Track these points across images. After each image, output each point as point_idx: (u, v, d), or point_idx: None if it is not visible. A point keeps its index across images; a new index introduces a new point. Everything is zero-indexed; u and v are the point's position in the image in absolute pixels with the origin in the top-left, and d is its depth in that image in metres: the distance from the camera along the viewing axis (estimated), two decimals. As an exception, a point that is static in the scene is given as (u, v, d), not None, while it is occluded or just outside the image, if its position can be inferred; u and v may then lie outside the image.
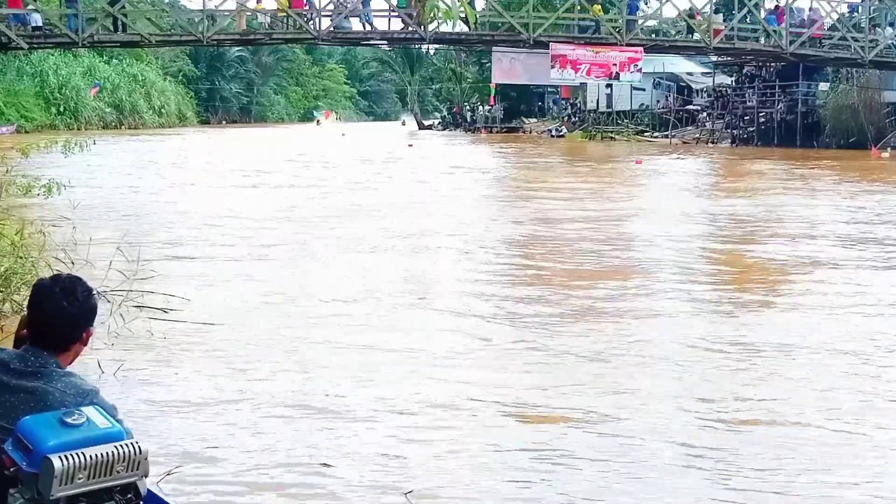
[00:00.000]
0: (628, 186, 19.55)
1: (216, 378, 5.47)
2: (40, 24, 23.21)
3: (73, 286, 2.56)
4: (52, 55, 37.76)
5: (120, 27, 23.71)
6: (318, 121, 53.21)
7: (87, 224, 10.88)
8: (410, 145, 35.25)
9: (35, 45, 26.05)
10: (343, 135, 42.88)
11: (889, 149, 27.77)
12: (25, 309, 2.71)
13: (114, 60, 45.32)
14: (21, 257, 7.10)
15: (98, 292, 3.41)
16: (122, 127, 44.49)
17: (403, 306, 8.23)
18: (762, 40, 27.91)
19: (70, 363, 2.58)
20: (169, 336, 6.36)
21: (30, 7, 23.25)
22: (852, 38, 27.03)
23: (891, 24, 28.04)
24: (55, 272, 3.94)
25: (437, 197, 17.66)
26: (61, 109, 40.61)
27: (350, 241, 12.05)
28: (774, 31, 27.67)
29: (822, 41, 27.64)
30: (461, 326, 7.02)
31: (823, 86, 32.73)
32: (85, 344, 2.61)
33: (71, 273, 3.21)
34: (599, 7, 26.78)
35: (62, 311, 2.52)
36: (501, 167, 26.40)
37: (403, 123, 57.95)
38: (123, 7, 23.20)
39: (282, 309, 7.64)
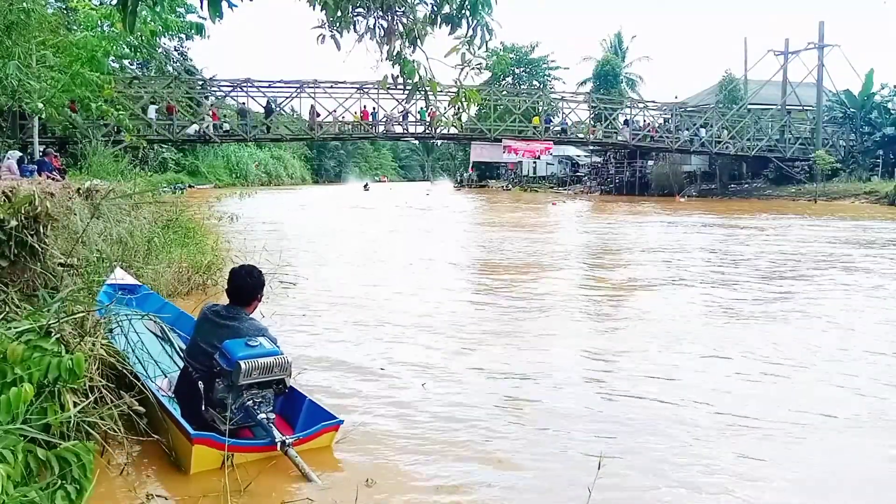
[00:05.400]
0: (546, 215, 28.46)
1: (321, 318, 7.40)
2: (227, 128, 33.77)
3: (251, 270, 4.11)
4: (233, 146, 50.14)
5: (269, 130, 34.30)
6: (366, 185, 60.52)
7: (252, 236, 12.47)
8: (427, 193, 48.08)
9: (224, 140, 36.21)
10: (391, 189, 57.91)
11: (686, 196, 40.27)
12: (226, 283, 4.03)
13: (266, 148, 61.30)
14: (216, 256, 9.23)
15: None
16: (271, 185, 59.99)
17: (429, 270, 11.92)
18: (618, 137, 39.17)
19: (252, 312, 4.03)
20: (297, 297, 8.46)
21: (223, 120, 33.87)
22: (666, 136, 39.28)
23: (687, 129, 39.15)
24: (236, 264, 4.50)
25: (440, 212, 28.44)
26: (237, 175, 52.83)
27: (415, 245, 16.60)
28: (625, 132, 38.55)
29: (654, 138, 39.34)
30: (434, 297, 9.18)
31: (651, 162, 45.02)
32: (259, 301, 4.07)
33: (250, 263, 4.38)
34: (538, 118, 38.00)
35: (246, 283, 4.03)
36: (477, 205, 36.81)
37: (432, 183, 75.49)
38: (272, 119, 33.65)
39: (360, 284, 9.94)
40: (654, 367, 5.95)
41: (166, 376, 4.51)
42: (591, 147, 46.18)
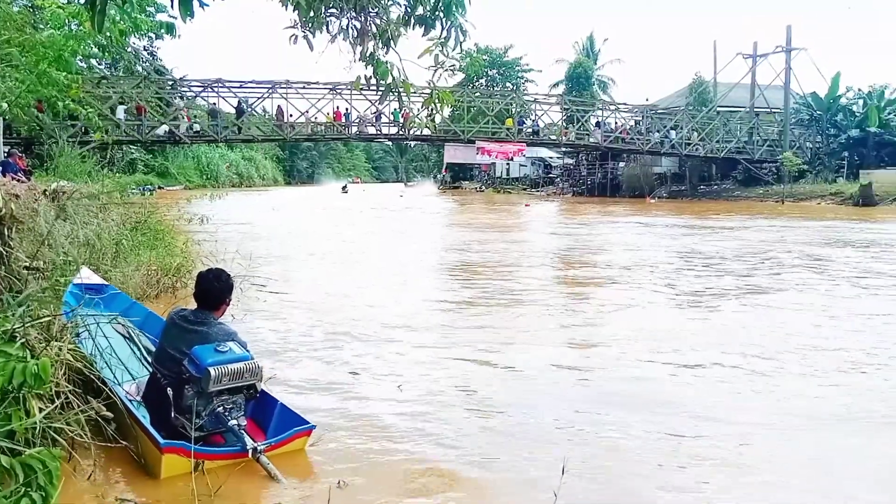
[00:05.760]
0: (519, 216, 28.71)
1: (293, 321, 7.40)
2: (197, 129, 33.71)
3: (219, 273, 4.04)
4: (203, 147, 49.91)
5: (241, 131, 33.87)
6: (344, 186, 59.08)
7: (222, 238, 12.16)
8: (401, 195, 47.41)
9: (194, 141, 35.65)
10: (363, 190, 57.35)
11: (656, 198, 40.59)
12: (193, 287, 4.00)
13: (237, 149, 60.84)
14: (186, 258, 9.10)
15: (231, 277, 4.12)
16: (242, 186, 59.89)
17: (399, 268, 12.39)
18: (590, 139, 39.48)
19: (220, 316, 3.98)
20: (268, 300, 8.45)
21: (194, 121, 33.91)
22: (636, 138, 39.50)
23: (657, 131, 39.72)
24: (207, 266, 4.69)
25: (414, 214, 28.61)
26: (208, 176, 52.36)
27: (391, 238, 18.01)
28: (597, 133, 39.12)
29: (625, 140, 39.57)
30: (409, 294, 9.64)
31: (622, 164, 45.44)
32: (228, 305, 4.03)
33: (217, 266, 4.34)
34: (510, 120, 38.55)
35: (214, 287, 3.96)
36: (451, 205, 37.17)
37: (405, 185, 74.82)
38: (243, 120, 33.30)
39: (333, 285, 9.89)
40: (626, 368, 5.97)
41: (135, 380, 4.44)
42: (564, 149, 46.63)
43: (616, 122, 41.02)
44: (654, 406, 5.00)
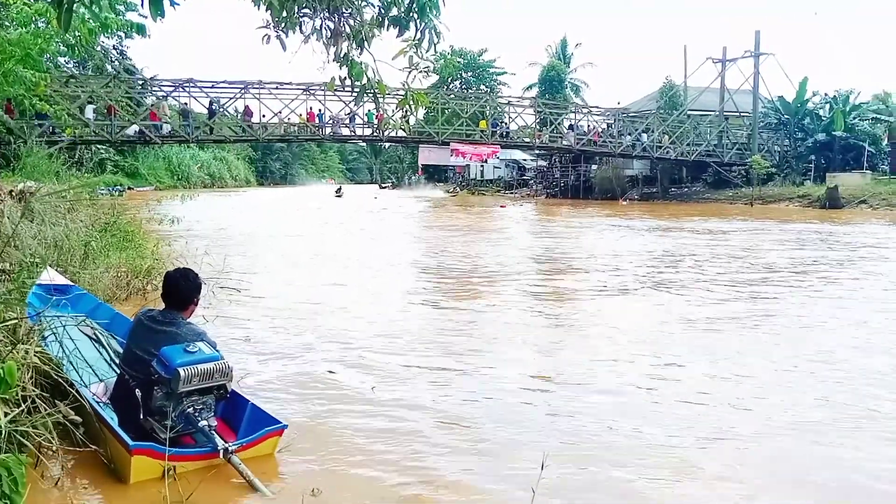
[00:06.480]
0: (494, 218, 28.95)
1: (263, 322, 7.31)
2: (168, 130, 32.53)
3: (187, 273, 4.00)
4: (174, 147, 49.67)
5: (213, 131, 33.62)
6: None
7: (193, 239, 12.60)
8: (376, 197, 48.44)
9: (164, 142, 34.89)
10: (336, 190, 54.37)
11: (628, 200, 40.87)
12: (161, 288, 3.94)
13: (208, 149, 60.15)
14: (156, 259, 9.04)
15: (200, 277, 4.05)
16: (214, 187, 59.74)
17: (376, 268, 12.28)
18: (563, 142, 39.64)
19: (189, 317, 3.94)
20: (240, 300, 8.38)
21: (163, 121, 32.26)
22: (609, 141, 39.93)
23: (629, 134, 39.96)
24: (177, 267, 4.44)
25: (389, 215, 28.93)
26: (179, 177, 51.77)
27: (366, 237, 18.83)
28: (570, 136, 39.22)
29: (597, 143, 39.98)
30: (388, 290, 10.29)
31: (594, 166, 45.56)
32: (196, 306, 3.96)
33: (185, 266, 4.34)
34: (484, 122, 38.38)
35: (182, 287, 3.92)
36: (424, 207, 37.26)
37: (380, 187, 74.52)
38: (215, 120, 32.97)
39: (303, 289, 9.78)
40: (602, 371, 5.99)
41: (102, 382, 4.36)
42: (537, 151, 46.85)
43: (588, 125, 41.29)
44: (629, 407, 5.03)
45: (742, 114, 41.73)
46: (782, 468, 4.08)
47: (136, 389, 3.82)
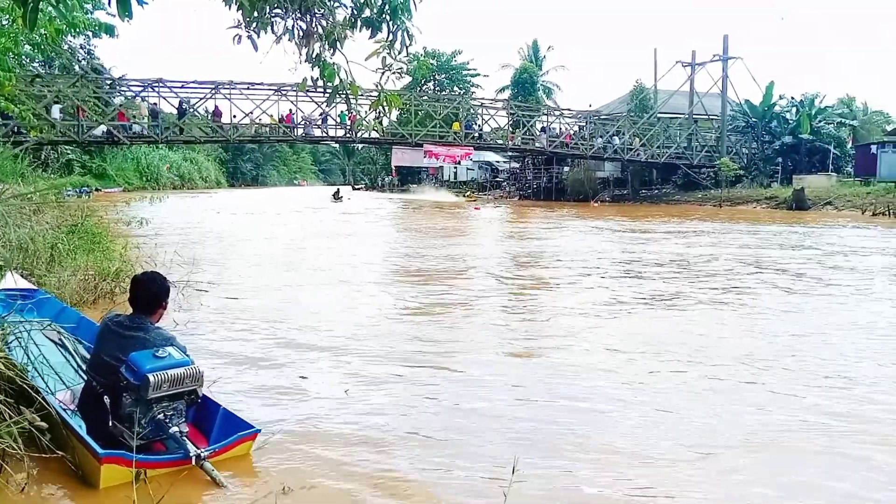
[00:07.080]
0: (469, 219, 29.46)
1: (234, 326, 7.22)
2: (136, 130, 32.10)
3: (154, 276, 3.92)
4: (143, 147, 48.91)
5: (182, 132, 33.12)
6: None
7: (163, 242, 12.54)
8: (349, 198, 48.61)
9: (133, 142, 34.33)
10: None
11: (599, 201, 41.57)
12: (129, 291, 3.86)
13: (178, 150, 59.59)
14: (125, 262, 8.85)
15: (169, 280, 3.98)
16: (184, 188, 58.75)
17: (349, 268, 12.55)
18: (535, 144, 40.26)
19: (157, 321, 3.87)
20: (209, 304, 8.27)
21: (132, 121, 31.95)
22: (580, 143, 39.98)
23: (600, 137, 40.09)
24: (144, 270, 4.58)
25: (363, 216, 29.07)
26: (148, 178, 50.83)
27: (333, 239, 18.17)
28: (542, 138, 39.74)
29: (569, 145, 40.12)
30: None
31: (566, 168, 46.17)
32: (164, 310, 3.89)
33: (153, 269, 4.23)
34: (458, 124, 38.25)
35: (149, 291, 3.84)
36: (397, 208, 37.61)
37: (353, 188, 74.29)
38: (185, 121, 32.34)
39: (274, 289, 9.80)
40: (575, 370, 6.00)
41: (69, 388, 4.27)
42: (510, 153, 47.13)
43: (561, 128, 41.52)
44: (602, 410, 5.04)
45: (711, 117, 42.33)
46: (758, 475, 4.11)
47: (105, 396, 3.74)
